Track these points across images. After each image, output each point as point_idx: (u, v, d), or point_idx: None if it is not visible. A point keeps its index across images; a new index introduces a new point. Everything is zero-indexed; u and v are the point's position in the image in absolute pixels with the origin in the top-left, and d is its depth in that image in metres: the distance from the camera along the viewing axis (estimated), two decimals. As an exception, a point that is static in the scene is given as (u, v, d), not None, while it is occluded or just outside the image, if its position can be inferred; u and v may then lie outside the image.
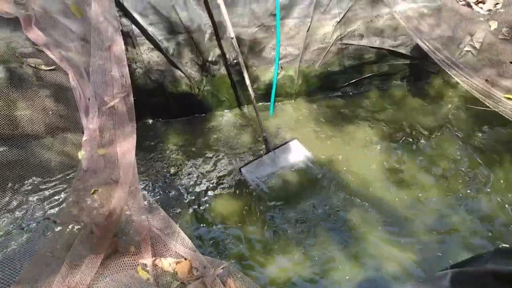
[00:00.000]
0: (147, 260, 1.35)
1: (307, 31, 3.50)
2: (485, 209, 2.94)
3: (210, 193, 3.00)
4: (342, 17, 3.54)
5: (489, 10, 3.09)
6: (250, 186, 2.98)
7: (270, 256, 2.62)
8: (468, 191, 3.05)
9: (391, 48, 3.77)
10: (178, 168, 3.15)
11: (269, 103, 3.74)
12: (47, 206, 1.54)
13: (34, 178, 1.71)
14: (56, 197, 1.63)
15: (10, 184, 1.62)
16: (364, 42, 3.70)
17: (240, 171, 3.07)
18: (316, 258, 2.60)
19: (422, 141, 3.44)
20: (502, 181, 3.09)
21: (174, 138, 3.43)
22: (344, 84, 3.89)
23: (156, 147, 3.32)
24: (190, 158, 3.25)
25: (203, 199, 2.95)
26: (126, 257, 1.36)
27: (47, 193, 1.63)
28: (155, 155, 3.25)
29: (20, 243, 1.32)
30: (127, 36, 3.09)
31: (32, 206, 1.51)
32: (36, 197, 1.58)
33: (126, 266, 1.32)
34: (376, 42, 3.71)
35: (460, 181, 3.13)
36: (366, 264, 2.60)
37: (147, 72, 3.32)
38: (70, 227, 1.41)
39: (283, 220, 2.85)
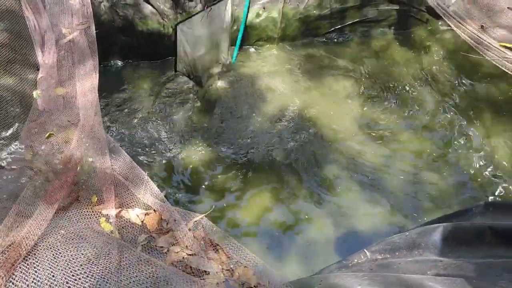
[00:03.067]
0: (111, 211, 1.21)
1: (293, -34, 3.22)
2: (462, 165, 2.92)
3: (177, 140, 2.83)
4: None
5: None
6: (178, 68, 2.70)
7: (243, 206, 2.54)
8: (445, 146, 3.01)
9: (379, -10, 3.55)
10: (146, 114, 2.94)
11: (246, 47, 3.50)
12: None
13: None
14: (5, 140, 1.42)
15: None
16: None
17: (175, 29, 2.58)
18: (291, 210, 2.54)
19: (402, 94, 3.34)
20: (480, 136, 3.06)
21: (143, 82, 3.18)
22: (329, 29, 3.67)
23: (124, 91, 3.08)
24: (159, 104, 3.03)
25: (171, 147, 2.78)
26: (86, 207, 1.21)
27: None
28: (122, 99, 3.02)
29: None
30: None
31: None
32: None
33: (86, 217, 1.17)
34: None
35: (438, 136, 3.08)
36: (341, 219, 2.55)
37: (113, 6, 2.98)
38: (20, 172, 1.22)
39: (256, 171, 2.73)
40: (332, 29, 3.68)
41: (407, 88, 3.41)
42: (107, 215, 1.22)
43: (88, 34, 1.91)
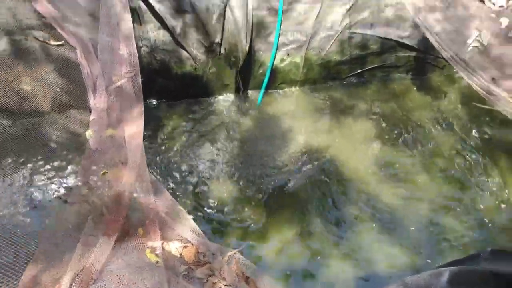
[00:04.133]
0: (156, 243, 1.38)
1: (316, 17, 3.47)
2: (479, 208, 3.00)
3: (211, 175, 3.02)
4: (352, 5, 3.51)
5: (502, 6, 3.07)
6: None
7: (266, 242, 2.67)
8: (463, 189, 3.10)
9: (398, 39, 3.75)
10: (181, 151, 3.15)
11: (271, 90, 3.74)
12: (57, 185, 1.55)
13: (41, 155, 1.71)
14: (65, 176, 1.63)
15: (18, 161, 1.62)
16: (371, 31, 3.67)
17: None
18: (311, 248, 2.65)
19: (420, 137, 3.47)
20: (497, 181, 3.14)
21: (178, 120, 3.42)
22: (349, 74, 3.89)
23: (160, 129, 3.32)
24: (193, 141, 3.25)
25: (205, 182, 2.97)
26: (135, 239, 1.38)
27: (55, 171, 1.64)
28: (158, 136, 3.25)
29: (34, 222, 1.33)
30: (133, 13, 3.03)
31: (43, 184, 1.52)
32: (46, 175, 1.58)
33: (135, 248, 1.34)
34: (384, 32, 3.69)
35: (456, 179, 3.18)
36: (358, 258, 2.65)
37: (152, 51, 3.28)
38: (80, 206, 1.42)
39: (279, 207, 2.88)
40: (352, 73, 3.89)
41: (424, 132, 3.55)
42: (152, 246, 1.39)
43: (135, 81, 2.15)
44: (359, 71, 3.89)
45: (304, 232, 2.73)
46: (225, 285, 1.24)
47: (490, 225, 2.88)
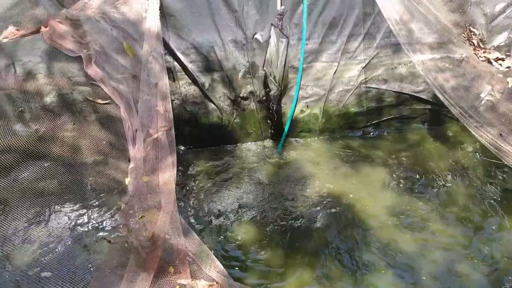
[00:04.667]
0: (186, 281, 1.57)
1: (334, 74, 3.77)
2: (494, 259, 3.03)
3: (235, 218, 3.22)
4: (368, 63, 3.80)
5: (508, 67, 3.27)
6: None
7: (285, 282, 2.80)
8: (478, 238, 3.16)
9: (412, 93, 3.98)
10: (206, 194, 3.39)
11: (291, 138, 3.99)
12: (102, 226, 1.79)
13: (87, 200, 1.98)
14: (108, 218, 1.88)
15: (68, 204, 1.88)
16: (386, 86, 3.93)
17: None
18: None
19: (436, 186, 3.59)
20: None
21: (204, 166, 3.69)
22: (366, 124, 4.10)
23: (188, 174, 3.58)
24: (218, 186, 3.49)
25: (229, 224, 3.16)
26: (167, 277, 1.59)
27: (100, 214, 1.89)
28: (186, 181, 3.51)
29: (85, 259, 1.57)
30: (169, 72, 3.41)
31: (90, 226, 1.76)
32: (92, 217, 1.84)
33: (167, 284, 1.54)
34: (398, 87, 3.93)
35: (471, 227, 3.25)
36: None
37: (183, 103, 3.62)
38: (121, 246, 1.65)
39: (298, 250, 3.03)
40: (369, 123, 4.11)
41: (440, 180, 3.66)
42: (181, 284, 1.58)
43: (169, 134, 2.44)
44: (376, 121, 4.11)
45: (321, 275, 2.85)
46: (244, 319, 1.41)
47: (505, 275, 2.91)
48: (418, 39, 3.25)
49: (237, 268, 2.82)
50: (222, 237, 3.08)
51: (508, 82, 3.07)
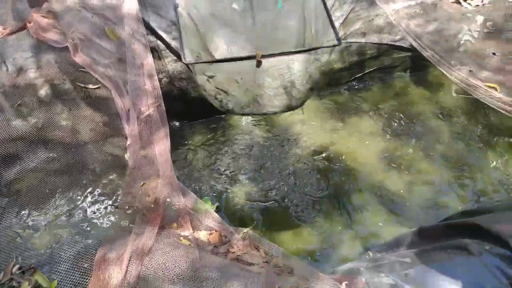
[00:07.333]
0: (188, 232, 1.79)
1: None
2: (479, 188, 3.27)
3: (225, 181, 3.44)
4: (345, 19, 3.89)
5: (477, 5, 3.38)
6: None
7: (280, 231, 3.05)
8: (463, 172, 3.38)
9: (391, 43, 4.09)
10: (203, 162, 3.59)
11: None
12: (109, 195, 2.02)
13: (94, 176, 2.19)
14: (114, 188, 2.10)
15: (80, 179, 2.11)
16: (365, 39, 4.03)
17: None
18: (321, 234, 3.01)
19: (419, 129, 3.78)
20: (495, 164, 3.40)
21: (198, 137, 3.88)
22: (349, 79, 4.24)
23: (184, 146, 3.78)
24: (213, 154, 3.69)
25: (220, 186, 3.38)
26: (171, 231, 1.81)
27: (107, 185, 2.11)
28: (183, 152, 3.71)
29: (100, 224, 1.80)
30: (153, 51, 3.54)
31: (99, 195, 1.99)
32: (100, 189, 2.06)
33: (172, 237, 1.76)
34: (377, 38, 4.04)
35: (456, 163, 3.46)
36: (367, 242, 2.98)
37: (171, 81, 3.77)
38: (127, 210, 1.87)
39: (291, 200, 3.25)
40: (353, 78, 4.25)
41: (425, 123, 3.85)
42: (185, 236, 1.80)
43: (160, 110, 2.62)
44: (358, 75, 4.24)
45: (315, 219, 3.09)
46: (240, 253, 1.64)
47: (489, 202, 3.15)
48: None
49: (235, 224, 3.07)
50: (221, 195, 3.30)
51: (476, 20, 3.19)
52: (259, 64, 2.47)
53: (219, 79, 2.72)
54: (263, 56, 2.47)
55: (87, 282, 1.51)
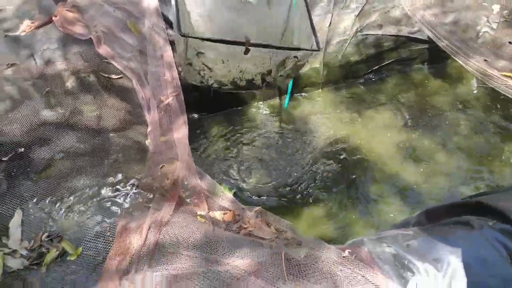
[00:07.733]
0: (204, 211, 1.88)
1: (329, 26, 3.91)
2: (496, 180, 3.24)
3: (243, 170, 3.51)
4: (361, 11, 3.92)
5: (495, -6, 3.35)
6: None
7: (295, 219, 3.11)
8: (481, 163, 3.36)
9: (409, 35, 4.09)
10: (220, 152, 3.69)
11: (296, 94, 4.20)
12: (131, 178, 2.14)
13: (117, 160, 2.31)
14: (136, 172, 2.22)
15: (105, 162, 2.24)
16: (382, 31, 4.05)
17: None
18: (336, 222, 3.05)
19: (437, 121, 3.77)
20: (512, 153, 3.38)
21: (216, 128, 3.98)
22: (367, 71, 4.26)
23: (203, 136, 3.89)
24: (230, 145, 3.78)
25: (237, 175, 3.47)
26: (188, 207, 1.90)
27: (128, 169, 2.23)
28: (202, 142, 3.82)
29: (121, 202, 1.93)
30: (173, 44, 3.65)
31: (122, 178, 2.12)
32: (122, 172, 2.18)
33: (189, 214, 1.85)
34: (394, 30, 4.05)
35: (474, 154, 3.44)
36: (382, 226, 3.01)
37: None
38: (148, 191, 1.98)
39: (308, 190, 3.30)
40: (370, 70, 4.27)
41: (442, 115, 3.84)
42: (201, 214, 1.90)
43: (178, 99, 2.72)
44: (376, 67, 4.26)
45: (332, 209, 3.14)
46: (252, 229, 1.71)
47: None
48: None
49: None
50: (238, 185, 3.38)
51: (493, 9, 3.17)
52: (247, 51, 2.57)
53: (207, 56, 2.84)
54: (251, 44, 2.57)
55: (109, 248, 1.62)
